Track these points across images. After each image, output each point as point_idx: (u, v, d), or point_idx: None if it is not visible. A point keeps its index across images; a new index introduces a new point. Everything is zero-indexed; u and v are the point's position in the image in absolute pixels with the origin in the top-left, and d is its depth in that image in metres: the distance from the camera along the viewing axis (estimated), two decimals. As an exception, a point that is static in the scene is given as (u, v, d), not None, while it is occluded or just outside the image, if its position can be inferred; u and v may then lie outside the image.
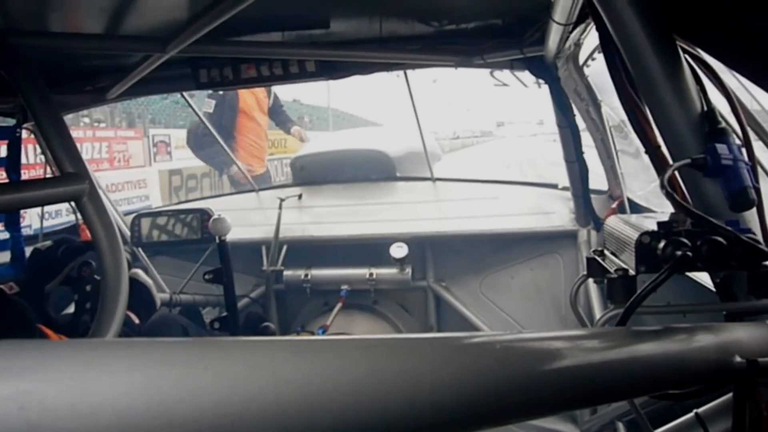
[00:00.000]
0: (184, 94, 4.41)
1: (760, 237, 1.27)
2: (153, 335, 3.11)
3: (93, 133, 17.20)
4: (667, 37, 1.33)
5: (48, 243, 3.10)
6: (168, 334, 3.28)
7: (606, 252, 1.48)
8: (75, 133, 17.34)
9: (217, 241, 3.64)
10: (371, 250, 4.36)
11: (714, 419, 1.31)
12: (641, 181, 3.50)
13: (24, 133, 3.42)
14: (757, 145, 1.65)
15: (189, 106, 5.01)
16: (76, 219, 4.23)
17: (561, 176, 3.96)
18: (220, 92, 7.03)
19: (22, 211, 3.88)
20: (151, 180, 16.03)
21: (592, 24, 1.84)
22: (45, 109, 2.36)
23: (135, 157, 17.56)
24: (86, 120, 18.52)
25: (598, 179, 3.63)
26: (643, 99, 1.41)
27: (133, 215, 4.40)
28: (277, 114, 7.83)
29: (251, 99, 7.44)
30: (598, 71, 2.81)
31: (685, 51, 1.36)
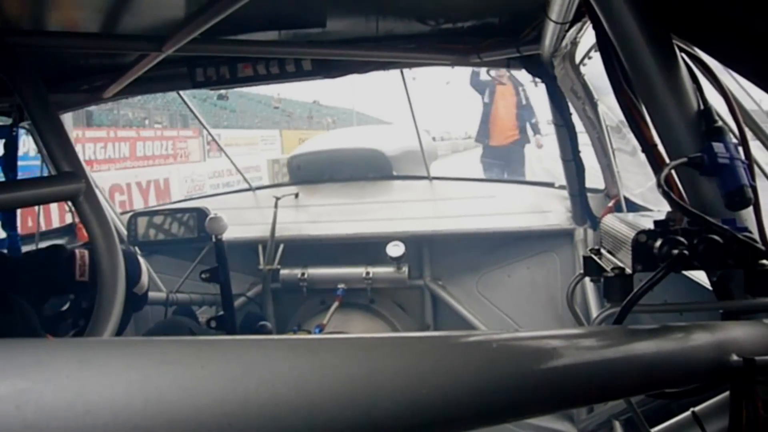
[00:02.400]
0: (182, 93, 4.40)
1: (756, 236, 1.27)
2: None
3: (161, 132, 21.66)
4: (663, 36, 1.33)
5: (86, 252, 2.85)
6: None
7: (602, 251, 1.49)
8: (146, 133, 20.03)
9: (214, 240, 3.63)
10: (368, 248, 4.36)
11: (711, 418, 1.31)
12: (639, 176, 3.50)
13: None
14: (754, 144, 1.65)
15: (186, 105, 5.00)
16: (73, 218, 4.24)
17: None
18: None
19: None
20: (262, 166, 20.21)
21: (589, 22, 1.84)
22: (42, 108, 2.35)
23: (193, 154, 22.23)
24: (146, 121, 22.53)
25: (595, 175, 3.63)
26: (639, 98, 1.42)
27: (130, 214, 4.40)
28: (528, 110, 10.20)
29: (501, 88, 10.13)
30: (595, 72, 2.81)
31: (681, 50, 1.36)
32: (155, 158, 19.95)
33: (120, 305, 2.33)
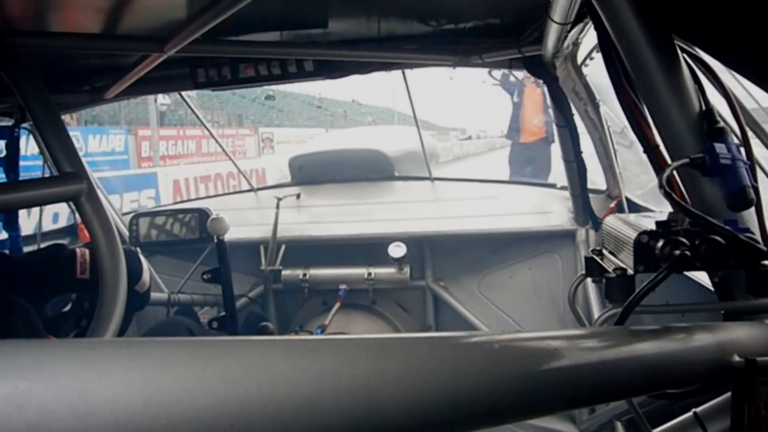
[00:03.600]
0: (182, 94, 4.41)
1: (758, 236, 1.27)
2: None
3: (222, 131, 24.67)
4: (665, 37, 1.33)
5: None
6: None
7: (604, 251, 1.49)
8: (218, 131, 21.75)
9: (216, 240, 3.63)
10: (369, 249, 4.36)
11: (712, 418, 1.31)
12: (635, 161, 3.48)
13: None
14: (756, 144, 1.65)
15: (188, 106, 5.00)
16: (74, 219, 4.24)
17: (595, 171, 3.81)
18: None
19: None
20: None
21: (591, 23, 1.84)
22: (43, 109, 2.35)
23: (249, 150, 24.75)
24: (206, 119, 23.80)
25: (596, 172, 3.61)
26: (641, 98, 1.42)
27: (132, 215, 4.40)
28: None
29: (529, 87, 10.75)
30: (598, 74, 2.81)
31: (683, 50, 1.36)
32: (217, 155, 21.60)
33: (122, 306, 2.33)
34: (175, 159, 21.19)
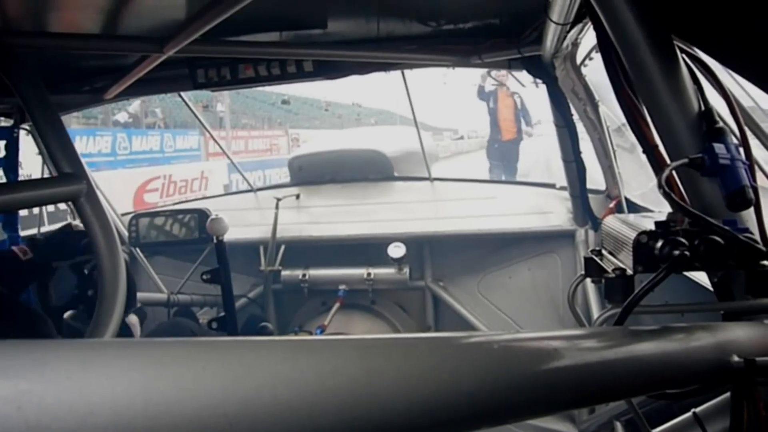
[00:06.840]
0: (182, 94, 4.41)
1: (757, 236, 1.27)
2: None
3: (263, 132, 29.79)
4: (664, 37, 1.33)
5: (82, 227, 3.05)
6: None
7: (604, 252, 1.48)
8: (254, 132, 26.95)
9: (215, 241, 3.63)
10: (369, 250, 4.36)
11: (712, 418, 1.31)
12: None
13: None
14: (755, 144, 1.65)
15: (187, 106, 5.00)
16: (74, 219, 4.24)
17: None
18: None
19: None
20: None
21: (590, 23, 1.84)
22: (43, 110, 2.35)
23: (282, 149, 28.42)
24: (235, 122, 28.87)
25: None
26: (640, 99, 1.42)
27: (131, 215, 4.40)
28: (524, 113, 12.24)
29: (502, 94, 11.82)
30: (598, 74, 2.81)
31: (682, 51, 1.36)
32: (259, 152, 27.42)
33: (121, 306, 2.33)
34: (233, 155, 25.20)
